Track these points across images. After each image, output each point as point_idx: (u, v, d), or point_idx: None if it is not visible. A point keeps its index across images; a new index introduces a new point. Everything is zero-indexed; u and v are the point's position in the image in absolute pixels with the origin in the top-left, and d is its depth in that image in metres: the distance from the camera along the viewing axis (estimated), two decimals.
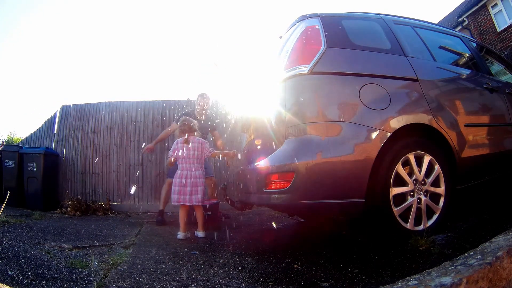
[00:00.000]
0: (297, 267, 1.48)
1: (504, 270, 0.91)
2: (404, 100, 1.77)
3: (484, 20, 9.07)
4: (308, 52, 1.71)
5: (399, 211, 1.59)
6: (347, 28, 1.87)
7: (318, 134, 1.58)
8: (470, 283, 0.83)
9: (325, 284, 1.23)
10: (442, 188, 1.73)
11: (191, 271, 1.52)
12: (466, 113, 2.01)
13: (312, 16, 1.84)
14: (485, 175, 2.11)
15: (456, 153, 1.82)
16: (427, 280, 0.87)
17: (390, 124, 1.62)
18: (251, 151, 2.26)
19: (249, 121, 2.37)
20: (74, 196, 4.41)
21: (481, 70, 2.43)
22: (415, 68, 1.86)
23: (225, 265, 1.61)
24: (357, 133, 1.58)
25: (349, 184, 1.55)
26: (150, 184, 4.63)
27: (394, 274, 1.22)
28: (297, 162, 1.52)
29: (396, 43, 1.94)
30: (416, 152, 1.68)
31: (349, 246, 1.76)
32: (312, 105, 1.64)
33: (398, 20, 2.16)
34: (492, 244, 1.08)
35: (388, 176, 1.58)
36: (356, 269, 1.35)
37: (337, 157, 1.54)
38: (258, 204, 2.08)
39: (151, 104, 5.07)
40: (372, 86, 1.68)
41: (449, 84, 2.11)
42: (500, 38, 8.72)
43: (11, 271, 1.38)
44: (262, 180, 1.70)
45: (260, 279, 1.36)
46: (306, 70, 1.65)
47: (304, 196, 1.53)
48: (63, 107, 4.94)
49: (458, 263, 0.96)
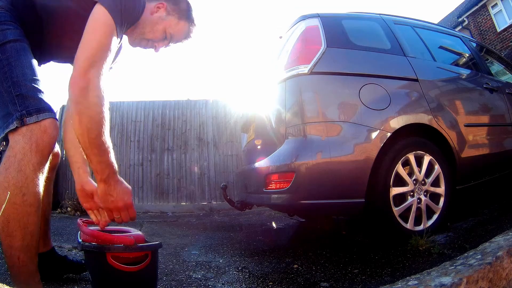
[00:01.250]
0: (297, 267, 1.48)
1: (504, 270, 0.91)
2: (404, 100, 1.77)
3: (484, 20, 9.08)
4: (308, 52, 1.71)
5: (399, 211, 1.59)
6: (347, 28, 1.87)
7: (318, 134, 1.58)
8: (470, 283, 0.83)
9: (325, 284, 1.23)
10: (442, 188, 1.73)
11: (191, 271, 1.52)
12: (466, 113, 2.01)
13: (312, 16, 1.84)
14: (485, 175, 2.11)
15: (456, 153, 1.82)
16: (427, 280, 0.87)
17: (390, 124, 1.62)
18: (251, 151, 2.27)
19: (249, 121, 2.37)
20: (74, 196, 4.41)
21: (481, 70, 2.43)
22: (415, 68, 1.86)
23: (225, 265, 1.61)
24: (357, 133, 1.58)
25: (349, 184, 1.55)
26: (150, 184, 4.63)
27: (394, 274, 1.22)
28: (297, 162, 1.52)
29: (396, 43, 1.94)
30: (416, 152, 1.68)
31: (349, 246, 1.75)
32: (312, 105, 1.64)
33: (398, 20, 2.17)
34: (492, 244, 1.08)
35: (388, 176, 1.58)
36: (356, 269, 1.35)
37: (337, 157, 1.54)
38: (258, 204, 2.08)
39: (151, 104, 5.08)
40: (372, 86, 1.69)
41: (449, 84, 2.11)
42: (500, 38, 8.72)
43: None
44: (262, 180, 1.70)
45: (260, 279, 1.36)
46: (306, 70, 1.65)
47: (304, 196, 1.53)
48: (63, 107, 4.94)
49: (458, 263, 0.96)
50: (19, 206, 0.85)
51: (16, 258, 0.86)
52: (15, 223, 0.85)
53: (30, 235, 0.88)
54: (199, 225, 3.20)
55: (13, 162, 0.86)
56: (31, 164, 0.87)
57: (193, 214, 4.29)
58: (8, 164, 0.86)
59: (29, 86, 0.92)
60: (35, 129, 0.89)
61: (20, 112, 0.89)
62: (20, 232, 0.86)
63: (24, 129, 0.88)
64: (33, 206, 0.88)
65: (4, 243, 0.87)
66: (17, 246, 0.86)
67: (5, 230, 0.85)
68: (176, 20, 1.16)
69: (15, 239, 0.86)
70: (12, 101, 0.90)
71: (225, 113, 5.19)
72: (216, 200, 4.82)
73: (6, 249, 0.87)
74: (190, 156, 4.96)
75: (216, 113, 5.20)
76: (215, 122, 5.17)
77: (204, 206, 4.74)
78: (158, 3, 1.13)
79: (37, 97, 0.93)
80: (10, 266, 0.88)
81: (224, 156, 5.03)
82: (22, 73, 0.92)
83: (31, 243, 0.89)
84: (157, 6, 1.13)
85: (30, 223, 0.88)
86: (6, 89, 0.90)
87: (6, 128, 0.89)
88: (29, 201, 0.87)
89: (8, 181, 0.85)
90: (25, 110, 0.89)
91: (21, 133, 0.88)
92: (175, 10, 1.16)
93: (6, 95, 0.90)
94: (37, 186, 0.89)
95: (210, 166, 4.96)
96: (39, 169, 0.89)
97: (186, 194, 4.83)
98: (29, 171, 0.87)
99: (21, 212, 0.86)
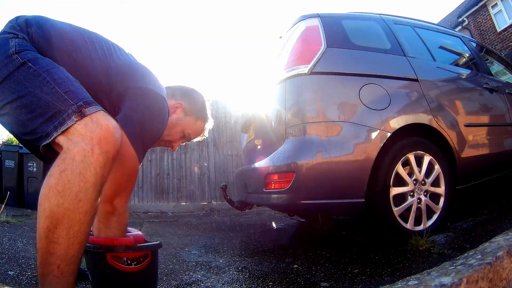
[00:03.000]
0: (297, 267, 1.48)
1: (504, 270, 0.91)
2: (404, 100, 1.77)
3: (484, 20, 9.08)
4: (308, 52, 1.71)
5: (399, 211, 1.59)
6: (347, 28, 1.87)
7: (318, 134, 1.58)
8: (470, 283, 0.83)
9: (325, 284, 1.23)
10: (442, 188, 1.73)
11: (191, 271, 1.52)
12: (466, 113, 2.01)
13: (312, 16, 1.84)
14: (485, 175, 2.11)
15: (456, 153, 1.82)
16: (427, 280, 0.87)
17: (390, 124, 1.62)
18: (251, 151, 2.27)
19: (249, 121, 2.37)
20: None
21: (481, 70, 2.43)
22: (415, 68, 1.86)
23: (225, 265, 1.61)
24: (357, 133, 1.58)
25: (349, 184, 1.55)
26: (150, 184, 4.63)
27: (394, 274, 1.22)
28: (297, 162, 1.52)
29: (396, 43, 1.94)
30: (416, 152, 1.68)
31: (349, 246, 1.76)
32: (312, 105, 1.64)
33: (398, 20, 2.16)
34: (492, 244, 1.08)
35: (388, 176, 1.58)
36: (356, 269, 1.35)
37: (337, 157, 1.54)
38: (258, 204, 2.08)
39: None
40: (372, 86, 1.69)
41: (449, 84, 2.11)
42: (500, 38, 8.72)
43: (11, 271, 1.38)
44: (262, 180, 1.70)
45: (260, 279, 1.36)
46: (306, 70, 1.65)
47: (304, 196, 1.53)
48: None
49: (458, 263, 0.96)
50: (72, 213, 0.74)
51: (56, 266, 0.75)
52: (63, 230, 0.74)
53: (78, 245, 0.77)
54: (199, 225, 3.20)
55: (70, 164, 0.75)
56: (93, 167, 0.76)
57: (193, 214, 4.29)
58: (64, 167, 0.75)
59: (76, 85, 0.84)
60: (96, 129, 0.78)
61: (76, 104, 0.78)
62: (67, 240, 0.75)
63: (82, 129, 0.77)
64: (88, 214, 0.77)
65: (42, 249, 0.75)
66: (60, 254, 0.75)
67: (50, 236, 0.74)
68: (193, 121, 1.19)
69: (60, 246, 0.75)
70: (61, 99, 0.79)
71: (225, 113, 5.19)
72: (216, 200, 4.82)
73: (43, 255, 0.75)
74: (190, 156, 4.97)
75: (216, 113, 5.20)
76: (215, 122, 5.13)
77: (204, 206, 4.74)
78: (176, 103, 1.15)
79: (88, 95, 0.84)
80: (44, 274, 0.75)
81: (224, 156, 5.03)
82: (65, 76, 0.83)
83: (77, 253, 0.77)
84: (175, 106, 1.15)
85: (81, 233, 0.76)
86: (48, 92, 0.79)
87: (61, 126, 0.77)
88: (85, 208, 0.76)
89: (63, 184, 0.74)
90: (82, 101, 0.79)
91: (79, 134, 0.77)
92: (192, 110, 1.18)
93: (50, 96, 0.79)
94: (97, 193, 0.78)
95: (210, 166, 4.97)
96: (101, 174, 0.77)
97: (186, 194, 4.83)
98: (89, 175, 0.75)
99: (74, 220, 0.75)
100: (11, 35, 0.86)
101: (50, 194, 0.74)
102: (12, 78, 0.81)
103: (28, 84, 0.80)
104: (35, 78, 0.80)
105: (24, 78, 0.81)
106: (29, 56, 0.83)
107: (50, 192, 0.75)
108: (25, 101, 0.80)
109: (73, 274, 0.78)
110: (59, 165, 0.76)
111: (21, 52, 0.83)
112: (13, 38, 0.85)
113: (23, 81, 0.81)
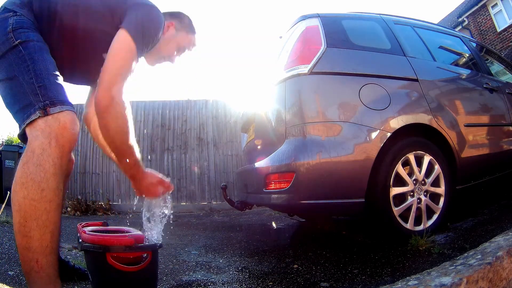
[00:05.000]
0: (297, 267, 1.48)
1: (504, 270, 0.91)
2: (404, 100, 1.77)
3: (484, 20, 9.08)
4: (308, 52, 1.71)
5: (399, 211, 1.59)
6: (347, 28, 1.87)
7: (318, 134, 1.58)
8: (470, 283, 0.83)
9: (325, 284, 1.23)
10: (442, 188, 1.73)
11: (191, 271, 1.52)
12: (466, 113, 2.01)
13: (312, 16, 1.84)
14: (485, 175, 2.11)
15: (456, 153, 1.82)
16: (427, 280, 0.87)
17: (390, 124, 1.62)
18: (251, 151, 2.27)
19: (249, 121, 2.37)
20: (74, 196, 4.42)
21: (481, 70, 2.43)
22: (415, 68, 1.86)
23: (225, 265, 1.61)
24: (357, 133, 1.58)
25: (349, 184, 1.55)
26: None
27: (394, 274, 1.22)
28: (297, 162, 1.52)
29: (396, 43, 1.94)
30: (416, 152, 1.68)
31: (349, 246, 1.76)
32: (312, 105, 1.64)
33: (398, 20, 2.17)
34: (492, 244, 1.08)
35: (388, 176, 1.58)
36: (356, 269, 1.35)
37: (337, 157, 1.54)
38: (258, 204, 2.08)
39: (151, 104, 5.08)
40: (372, 86, 1.69)
41: (449, 84, 2.11)
42: (500, 38, 8.72)
43: (11, 271, 1.37)
44: (262, 180, 1.70)
45: (260, 279, 1.36)
46: (306, 70, 1.65)
47: (304, 196, 1.53)
48: None
49: (458, 263, 0.96)
50: (37, 203, 0.80)
51: (34, 261, 0.79)
52: (32, 222, 0.79)
53: (49, 235, 0.81)
54: (199, 225, 3.20)
55: (31, 156, 0.82)
56: (51, 158, 0.83)
57: (193, 214, 4.29)
58: (25, 159, 0.83)
59: (52, 80, 0.92)
60: (54, 125, 0.86)
61: (43, 102, 0.87)
62: (38, 231, 0.79)
63: (42, 124, 0.85)
64: (52, 202, 0.82)
65: (20, 246, 0.80)
66: (35, 248, 0.79)
67: (22, 230, 0.79)
68: (185, 35, 1.33)
69: (33, 239, 0.79)
70: (34, 92, 0.88)
71: (225, 113, 5.20)
72: (216, 200, 4.82)
73: (22, 253, 0.79)
74: (190, 156, 4.97)
75: (216, 113, 5.21)
76: (215, 122, 5.17)
77: (204, 206, 4.74)
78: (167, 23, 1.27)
79: (60, 91, 0.93)
80: (27, 272, 0.80)
81: (224, 156, 5.03)
82: (45, 67, 0.92)
83: (50, 244, 0.82)
84: (167, 26, 1.27)
85: (49, 222, 0.81)
86: (27, 81, 0.89)
87: (27, 119, 0.86)
88: (49, 197, 0.82)
89: (26, 176, 0.81)
90: (48, 100, 0.88)
91: (39, 129, 0.85)
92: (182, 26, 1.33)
93: (27, 86, 0.89)
94: (57, 182, 0.84)
95: (210, 166, 4.97)
96: (59, 164, 0.85)
97: (186, 194, 4.83)
98: (48, 165, 0.82)
99: (40, 209, 0.80)
100: (11, 13, 0.96)
101: (17, 188, 0.82)
102: (6, 57, 0.92)
103: (16, 68, 0.91)
104: (22, 64, 0.90)
105: (13, 60, 0.91)
106: (22, 37, 0.92)
107: (17, 185, 0.82)
108: (11, 83, 0.91)
109: (52, 265, 0.82)
110: (22, 158, 0.85)
111: (16, 30, 0.93)
112: (12, 16, 0.95)
113: (12, 63, 0.91)
